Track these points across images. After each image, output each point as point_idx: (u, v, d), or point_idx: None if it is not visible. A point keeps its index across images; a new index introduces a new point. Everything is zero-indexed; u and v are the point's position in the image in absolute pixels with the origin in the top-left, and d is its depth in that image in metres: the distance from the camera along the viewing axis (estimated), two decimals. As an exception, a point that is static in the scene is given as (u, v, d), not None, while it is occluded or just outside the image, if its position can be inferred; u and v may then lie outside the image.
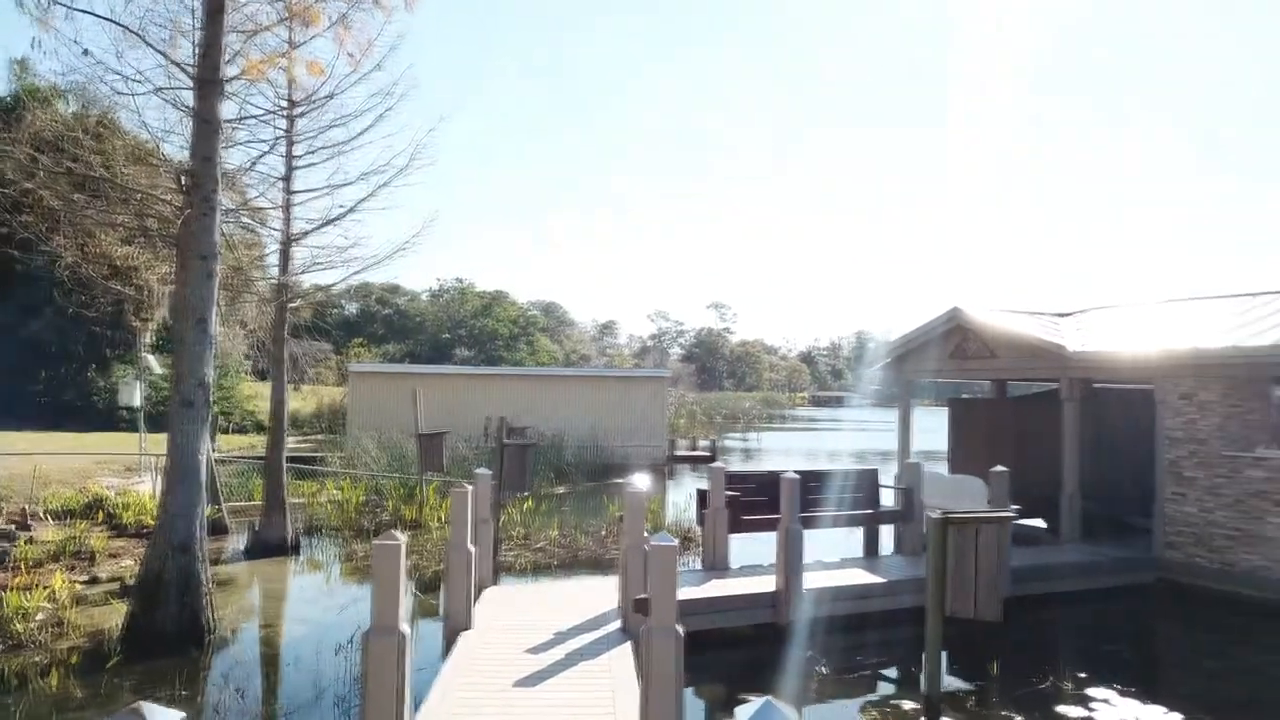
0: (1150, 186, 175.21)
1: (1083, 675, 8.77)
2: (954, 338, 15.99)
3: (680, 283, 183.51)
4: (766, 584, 10.41)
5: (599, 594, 9.99)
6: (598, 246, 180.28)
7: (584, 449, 27.83)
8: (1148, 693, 8.42)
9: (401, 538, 5.36)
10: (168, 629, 9.50)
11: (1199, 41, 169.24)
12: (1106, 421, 15.25)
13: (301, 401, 49.11)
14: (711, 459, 34.42)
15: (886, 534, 14.23)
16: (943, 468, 17.37)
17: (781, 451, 42.34)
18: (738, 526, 11.62)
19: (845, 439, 51.64)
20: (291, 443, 35.66)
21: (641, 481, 9.27)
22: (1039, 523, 15.05)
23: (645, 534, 9.16)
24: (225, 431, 39.01)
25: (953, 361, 16.08)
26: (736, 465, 34.88)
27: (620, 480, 26.44)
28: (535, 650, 7.75)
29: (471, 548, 8.42)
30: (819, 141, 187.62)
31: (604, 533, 15.97)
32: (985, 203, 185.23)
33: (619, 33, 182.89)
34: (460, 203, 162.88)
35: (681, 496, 21.54)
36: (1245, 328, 12.71)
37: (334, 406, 43.97)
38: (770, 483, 11.49)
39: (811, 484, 12.28)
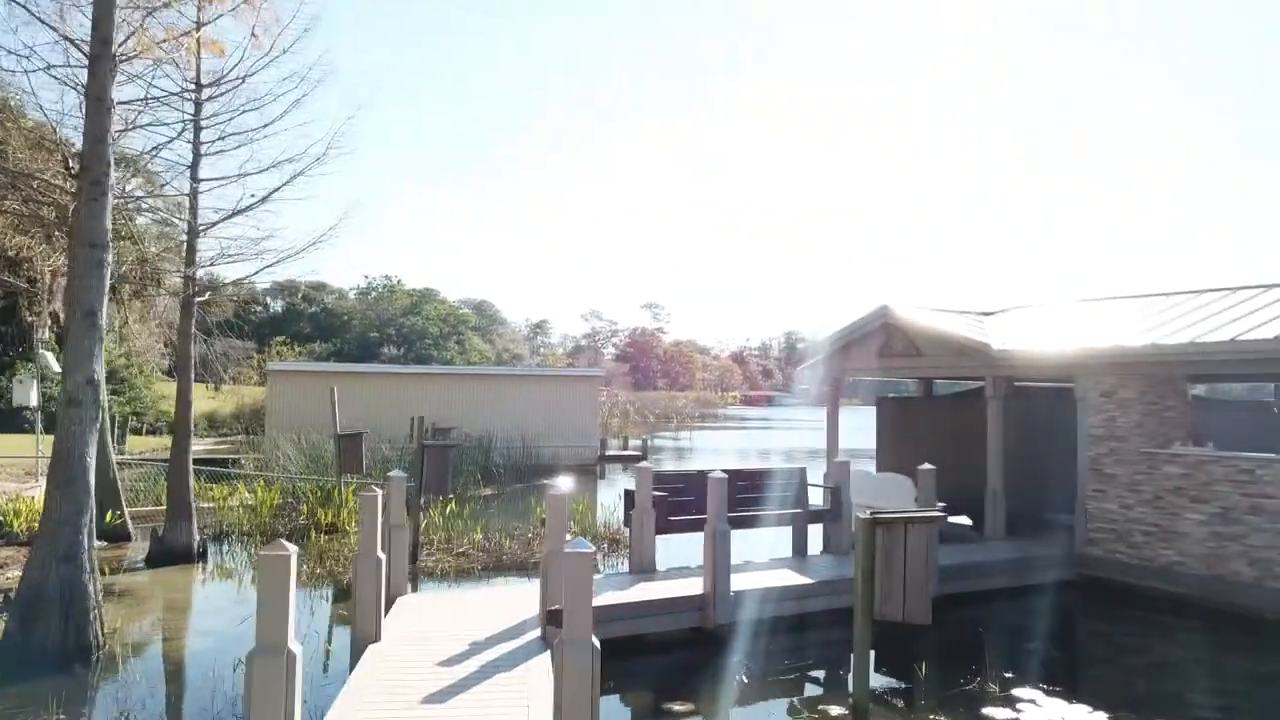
0: (1073, 188, 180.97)
1: (1009, 675, 8.71)
2: (882, 336, 15.99)
3: (614, 282, 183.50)
4: (694, 587, 10.14)
5: (519, 600, 9.59)
6: (530, 244, 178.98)
7: (513, 449, 27.28)
8: (1072, 691, 8.39)
9: (291, 547, 4.90)
10: (50, 646, 8.79)
11: (1149, 42, 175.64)
12: (1032, 419, 15.36)
13: (220, 401, 47.45)
14: (642, 459, 34.22)
15: (815, 533, 14.13)
16: (872, 466, 17.39)
17: (713, 450, 42.38)
18: (665, 527, 11.33)
19: (776, 437, 52.03)
20: (209, 444, 34.46)
21: (564, 483, 8.91)
22: (964, 520, 15.14)
23: (568, 537, 8.82)
24: (137, 432, 37.36)
25: (880, 360, 16.08)
26: (669, 464, 34.71)
27: (549, 481, 26.01)
28: (447, 662, 7.32)
29: (381, 555, 7.95)
30: (750, 142, 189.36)
31: (530, 535, 15.54)
32: (918, 202, 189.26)
33: (540, 31, 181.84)
34: (389, 199, 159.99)
35: (611, 497, 21.23)
36: (1163, 326, 12.94)
37: (255, 407, 42.47)
38: (698, 483, 11.23)
39: (740, 483, 12.06)
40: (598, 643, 5.05)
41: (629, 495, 11.55)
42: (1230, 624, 10.83)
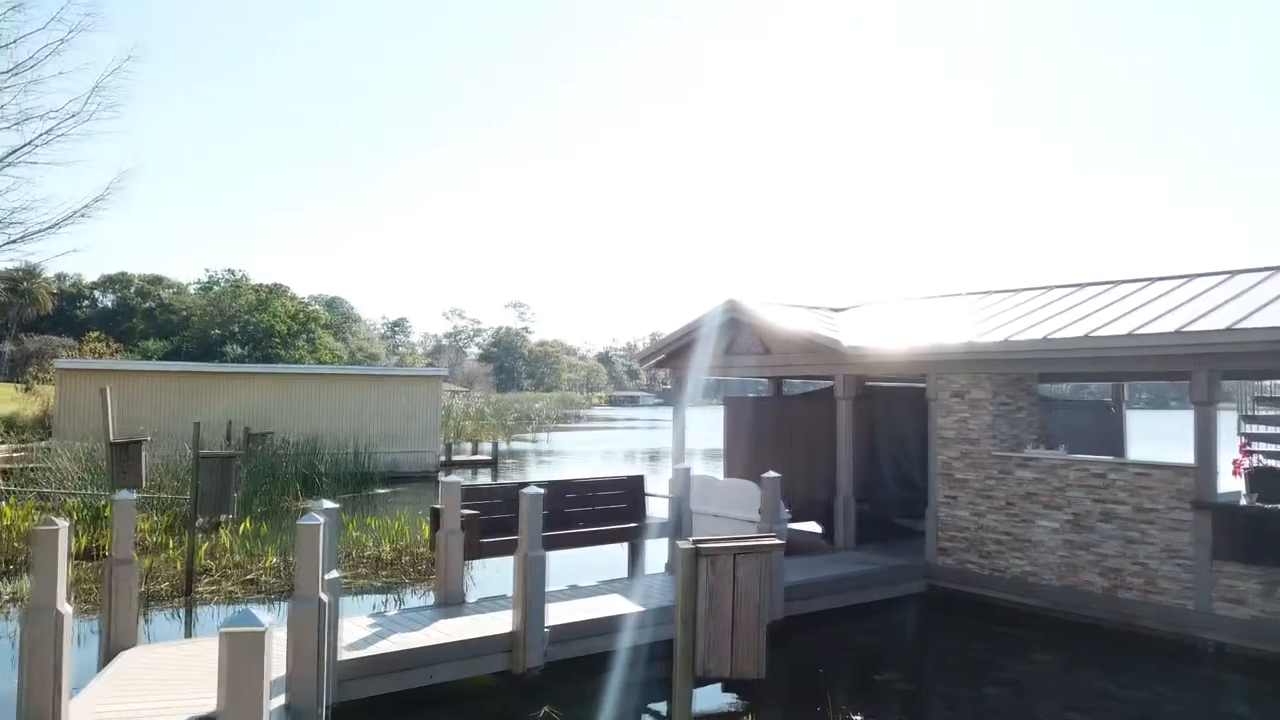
0: (941, 185, 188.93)
1: (857, 717, 7.61)
2: (729, 332, 14.91)
3: (478, 280, 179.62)
4: (504, 622, 8.63)
5: (274, 654, 7.80)
6: (387, 240, 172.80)
7: (342, 456, 24.94)
8: (925, 733, 7.38)
9: None
10: None
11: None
12: (887, 420, 14.58)
13: (24, 404, 42.56)
14: (493, 464, 32.42)
15: (658, 548, 12.87)
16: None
17: (578, 454, 40.90)
18: (478, 551, 9.81)
19: (640, 438, 51.19)
20: (4, 451, 30.27)
21: (325, 506, 7.22)
22: (815, 528, 14.22)
23: (334, 574, 7.15)
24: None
25: (727, 358, 15.01)
26: (531, 468, 33.02)
27: (383, 490, 23.90)
28: (143, 753, 5.54)
29: (63, 608, 6.03)
30: (611, 141, 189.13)
31: (340, 555, 13.62)
32: (781, 202, 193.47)
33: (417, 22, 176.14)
34: (238, 191, 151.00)
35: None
36: (1014, 323, 12.33)
37: (62, 410, 38.09)
38: (517, 498, 9.73)
39: (568, 495, 10.68)
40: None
41: (435, 514, 9.94)
42: (1084, 638, 10.20)
